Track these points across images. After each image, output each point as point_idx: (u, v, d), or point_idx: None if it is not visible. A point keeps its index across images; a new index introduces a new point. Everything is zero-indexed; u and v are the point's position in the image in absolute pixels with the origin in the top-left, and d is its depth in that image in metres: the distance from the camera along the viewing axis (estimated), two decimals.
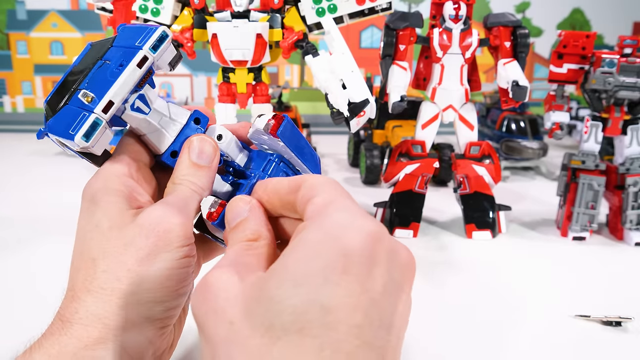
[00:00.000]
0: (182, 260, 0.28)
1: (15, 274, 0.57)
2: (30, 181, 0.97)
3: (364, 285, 0.20)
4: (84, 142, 0.27)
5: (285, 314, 0.19)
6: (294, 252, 0.21)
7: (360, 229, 0.21)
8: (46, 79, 1.54)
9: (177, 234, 0.28)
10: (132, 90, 0.29)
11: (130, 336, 0.27)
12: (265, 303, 0.20)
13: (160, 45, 0.29)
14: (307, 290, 0.19)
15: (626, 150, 0.71)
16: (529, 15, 1.62)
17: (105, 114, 0.28)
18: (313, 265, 0.20)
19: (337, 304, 0.19)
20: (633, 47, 0.69)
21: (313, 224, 0.22)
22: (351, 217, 0.22)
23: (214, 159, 0.31)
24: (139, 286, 0.27)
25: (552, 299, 0.55)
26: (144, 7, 0.68)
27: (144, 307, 0.27)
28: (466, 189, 0.73)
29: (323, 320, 0.19)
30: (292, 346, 0.19)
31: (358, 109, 0.59)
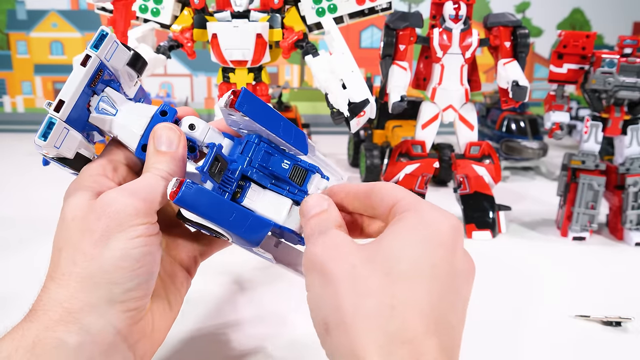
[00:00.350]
0: (135, 240, 0.28)
1: (17, 274, 0.58)
2: (30, 181, 0.97)
3: (452, 258, 0.26)
4: (42, 141, 0.29)
5: (403, 263, 0.25)
6: (400, 225, 0.27)
7: (448, 219, 0.27)
8: (46, 79, 1.54)
9: (128, 213, 0.28)
10: (86, 90, 0.30)
11: (91, 320, 0.27)
12: (385, 254, 0.25)
13: (101, 44, 0.30)
14: (419, 250, 0.25)
15: (626, 150, 0.71)
16: (529, 15, 1.62)
17: (57, 113, 0.29)
18: (419, 235, 0.26)
19: (439, 262, 0.26)
20: (633, 47, 0.69)
21: (411, 214, 0.27)
22: (438, 210, 0.28)
23: (178, 144, 0.31)
24: (94, 268, 0.28)
25: (552, 299, 0.55)
26: (144, 7, 0.68)
27: (102, 289, 0.28)
28: (466, 189, 0.73)
29: (431, 272, 0.25)
30: (407, 287, 0.24)
31: (358, 109, 0.59)
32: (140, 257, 0.28)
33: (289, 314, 0.50)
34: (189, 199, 0.29)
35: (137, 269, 0.28)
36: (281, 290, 0.55)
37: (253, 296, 0.54)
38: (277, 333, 0.47)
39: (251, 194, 0.32)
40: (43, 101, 1.54)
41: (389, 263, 0.25)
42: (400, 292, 0.24)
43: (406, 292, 0.24)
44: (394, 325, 0.23)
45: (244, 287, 0.56)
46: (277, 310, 0.51)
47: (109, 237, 0.28)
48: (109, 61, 0.31)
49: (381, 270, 0.25)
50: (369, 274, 0.25)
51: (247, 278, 0.57)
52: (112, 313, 0.28)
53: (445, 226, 0.27)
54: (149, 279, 0.30)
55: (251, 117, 0.30)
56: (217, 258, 0.40)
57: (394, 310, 0.24)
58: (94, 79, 0.30)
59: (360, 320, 0.24)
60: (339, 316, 0.24)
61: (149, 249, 0.29)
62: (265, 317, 0.50)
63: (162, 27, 0.69)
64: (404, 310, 0.24)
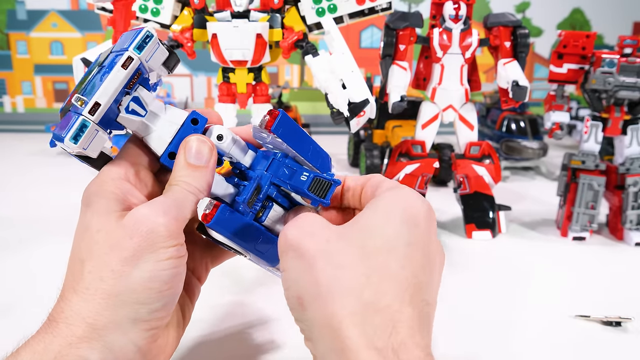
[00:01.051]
0: (166, 262, 0.28)
1: (16, 274, 0.58)
2: (30, 181, 0.97)
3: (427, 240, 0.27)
4: (72, 144, 0.28)
5: (378, 238, 0.26)
6: (377, 204, 0.27)
7: (424, 203, 0.28)
8: (46, 79, 1.54)
9: (161, 234, 0.28)
10: (121, 91, 0.29)
11: (115, 337, 0.27)
12: (360, 228, 0.26)
13: (146, 45, 0.29)
14: (395, 227, 0.26)
15: (626, 150, 0.71)
16: (529, 15, 1.62)
17: (92, 116, 0.28)
18: (396, 213, 0.27)
19: (415, 241, 0.26)
20: (633, 47, 0.69)
21: (389, 193, 0.28)
22: (415, 194, 0.28)
23: (210, 158, 0.31)
24: (122, 287, 0.27)
25: (552, 299, 0.55)
26: (144, 7, 0.68)
27: (128, 308, 0.27)
28: (466, 189, 0.73)
29: (405, 250, 0.26)
30: (381, 260, 0.25)
31: (358, 109, 0.59)
32: (169, 279, 0.28)
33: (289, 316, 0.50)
34: (222, 223, 0.29)
35: (165, 291, 0.28)
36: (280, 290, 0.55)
37: (254, 298, 0.54)
38: (277, 334, 0.47)
39: (272, 214, 0.32)
40: (43, 101, 1.55)
41: (364, 238, 0.26)
42: (375, 263, 0.25)
43: (380, 264, 0.25)
44: (368, 293, 0.24)
45: (245, 288, 0.56)
46: (276, 311, 0.51)
47: (140, 257, 0.27)
48: (148, 62, 0.30)
49: (356, 244, 0.25)
50: (343, 247, 0.25)
51: (248, 278, 0.57)
52: (135, 331, 0.28)
53: (422, 209, 0.27)
54: (174, 299, 0.29)
55: (285, 140, 0.30)
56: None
57: (369, 279, 0.24)
58: (131, 81, 0.30)
59: (336, 291, 0.24)
60: (315, 290, 0.25)
61: (178, 270, 0.29)
62: (265, 319, 0.50)
63: (162, 27, 0.69)
64: (378, 281, 0.24)
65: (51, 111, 1.54)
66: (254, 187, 0.30)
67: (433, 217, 0.28)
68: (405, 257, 0.25)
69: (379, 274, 0.24)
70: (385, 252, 0.25)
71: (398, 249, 0.25)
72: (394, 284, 0.24)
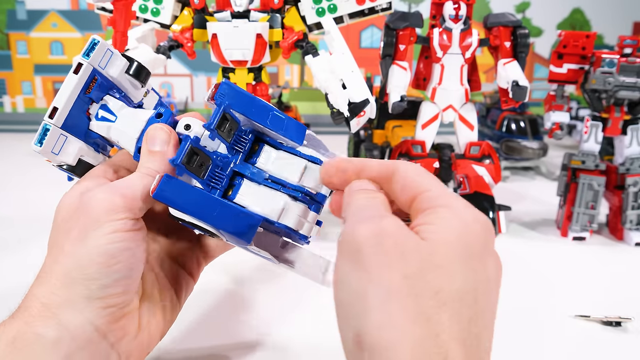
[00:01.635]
0: (111, 235, 0.28)
1: (15, 274, 0.57)
2: (30, 181, 0.97)
3: (485, 269, 0.25)
4: (37, 147, 0.30)
5: (453, 284, 0.23)
6: (442, 229, 0.24)
7: (481, 220, 0.25)
8: (46, 79, 1.54)
9: (104, 208, 0.28)
10: (82, 97, 0.31)
11: (70, 316, 0.28)
12: (437, 271, 0.23)
13: (92, 51, 0.31)
14: (466, 268, 0.23)
15: (626, 150, 0.71)
16: (529, 15, 1.62)
17: (51, 119, 0.30)
18: (460, 245, 0.24)
19: (479, 285, 0.24)
20: (633, 47, 0.69)
21: (446, 212, 0.25)
22: (471, 209, 0.26)
23: (167, 143, 0.31)
24: (72, 265, 0.28)
25: (552, 299, 0.55)
26: (144, 7, 0.68)
27: (79, 285, 0.28)
28: (466, 189, 0.73)
29: (474, 295, 0.23)
30: (453, 312, 0.23)
31: (358, 109, 0.59)
32: (116, 252, 0.28)
33: (288, 316, 0.50)
34: (167, 193, 0.28)
35: (114, 265, 0.28)
36: (281, 291, 0.55)
37: (252, 297, 0.54)
38: (275, 334, 0.47)
39: (244, 190, 0.31)
40: (43, 101, 1.55)
41: (439, 281, 0.23)
42: (445, 318, 0.22)
43: (450, 318, 0.22)
44: (439, 356, 0.22)
45: (244, 287, 0.56)
46: (276, 311, 0.51)
47: (87, 234, 0.28)
48: (105, 69, 0.32)
49: (432, 288, 0.23)
50: (419, 292, 0.22)
51: (247, 278, 0.57)
52: (90, 309, 0.28)
53: (485, 232, 0.25)
54: (127, 275, 0.29)
55: (235, 109, 0.30)
56: (217, 258, 0.40)
57: (438, 339, 0.22)
58: (88, 86, 0.31)
59: (405, 348, 0.22)
60: (379, 336, 0.22)
61: (127, 244, 0.29)
62: (264, 318, 0.50)
63: (162, 27, 0.69)
64: (448, 339, 0.22)
65: None
66: (187, 147, 0.29)
67: (491, 232, 0.26)
68: (473, 303, 0.23)
69: (448, 331, 0.22)
70: (456, 300, 0.23)
71: (468, 295, 0.23)
72: (461, 344, 0.22)
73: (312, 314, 0.50)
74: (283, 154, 0.32)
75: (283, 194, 0.31)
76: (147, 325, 0.32)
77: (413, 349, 0.21)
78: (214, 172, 0.30)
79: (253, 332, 0.47)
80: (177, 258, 0.36)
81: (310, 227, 0.32)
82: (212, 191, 0.30)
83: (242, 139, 0.31)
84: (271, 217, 0.31)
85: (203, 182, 0.30)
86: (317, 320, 0.49)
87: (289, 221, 0.31)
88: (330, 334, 0.25)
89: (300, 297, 0.53)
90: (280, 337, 0.46)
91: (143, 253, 0.30)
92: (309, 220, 0.32)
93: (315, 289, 0.56)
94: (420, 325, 0.22)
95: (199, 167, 0.30)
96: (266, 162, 0.32)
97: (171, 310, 0.34)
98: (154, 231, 0.35)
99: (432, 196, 0.26)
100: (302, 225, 0.31)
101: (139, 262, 0.30)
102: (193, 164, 0.29)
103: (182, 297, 0.36)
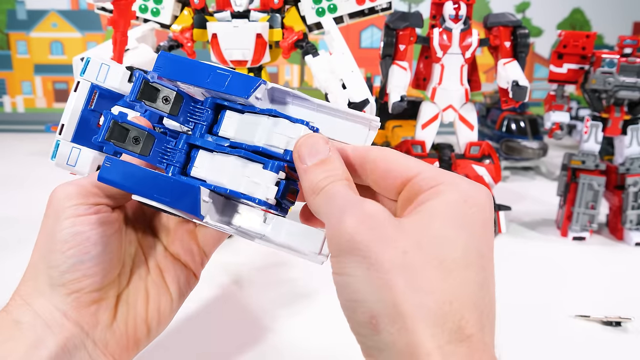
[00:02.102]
0: (63, 222, 0.29)
1: (16, 274, 0.57)
2: (30, 181, 0.97)
3: (491, 237, 0.25)
4: (52, 161, 0.33)
5: (455, 251, 0.23)
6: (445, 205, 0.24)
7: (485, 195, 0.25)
8: (46, 79, 1.54)
9: (59, 198, 0.30)
10: (87, 110, 0.33)
11: (40, 304, 0.29)
12: (438, 240, 0.23)
13: (86, 69, 0.33)
14: (468, 236, 0.24)
15: (626, 150, 0.71)
16: (529, 15, 1.62)
17: (60, 135, 0.33)
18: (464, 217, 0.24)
19: (486, 250, 0.24)
20: (633, 47, 0.69)
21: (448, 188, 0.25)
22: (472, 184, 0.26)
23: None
24: (37, 256, 0.30)
25: (552, 299, 0.55)
26: (144, 7, 0.68)
27: (43, 274, 0.30)
28: None
29: (480, 262, 0.24)
30: (461, 279, 0.23)
31: (358, 109, 0.59)
32: (68, 237, 0.29)
33: (287, 316, 0.50)
34: (108, 175, 0.28)
35: (67, 250, 0.29)
36: (280, 291, 0.55)
37: (251, 297, 0.54)
38: (276, 334, 0.47)
39: (199, 162, 0.29)
40: (43, 101, 1.54)
41: (441, 250, 0.23)
42: (456, 285, 0.23)
43: (460, 284, 0.23)
44: (453, 322, 0.22)
45: (243, 287, 0.56)
46: (275, 311, 0.51)
47: (48, 225, 0.30)
48: (105, 82, 0.33)
49: (435, 259, 0.23)
50: (423, 264, 0.23)
51: (246, 279, 0.57)
52: (56, 296, 0.29)
53: (485, 202, 0.25)
54: (84, 259, 0.29)
55: (165, 76, 0.28)
56: (216, 258, 0.40)
57: (452, 305, 0.22)
58: (90, 101, 0.33)
59: (422, 319, 0.22)
60: (394, 313, 0.22)
61: (78, 229, 0.29)
62: (264, 318, 0.50)
63: (162, 27, 0.69)
64: (460, 306, 0.22)
65: (51, 111, 1.54)
66: (108, 122, 0.28)
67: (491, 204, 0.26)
68: (479, 269, 0.24)
69: (461, 298, 0.23)
70: (462, 266, 0.23)
71: (473, 261, 0.23)
72: (474, 307, 0.23)
73: (312, 315, 0.50)
74: (247, 116, 0.29)
75: (234, 157, 0.29)
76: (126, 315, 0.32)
77: (428, 319, 0.22)
78: (164, 147, 0.29)
79: (253, 332, 0.47)
80: (173, 251, 0.35)
81: (266, 189, 0.28)
82: (167, 168, 0.29)
83: (196, 110, 0.29)
84: (220, 184, 0.28)
85: (153, 159, 0.29)
86: (317, 321, 0.49)
87: (237, 185, 0.28)
88: (330, 334, 0.25)
89: (301, 297, 0.53)
90: (281, 337, 0.46)
91: (103, 237, 0.30)
92: (264, 181, 0.28)
93: (315, 290, 0.56)
94: (433, 294, 0.22)
95: (134, 143, 0.28)
96: (228, 128, 0.29)
97: (165, 304, 0.34)
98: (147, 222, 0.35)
99: (428, 176, 0.25)
100: (256, 188, 0.28)
101: (95, 246, 0.30)
102: (124, 140, 0.28)
103: (180, 293, 0.35)
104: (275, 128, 0.28)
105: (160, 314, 0.34)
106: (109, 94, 0.34)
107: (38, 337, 0.28)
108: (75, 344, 0.29)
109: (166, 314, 0.34)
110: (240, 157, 0.28)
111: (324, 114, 0.30)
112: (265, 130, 0.28)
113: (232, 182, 0.28)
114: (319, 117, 0.30)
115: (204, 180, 0.29)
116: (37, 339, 0.28)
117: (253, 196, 0.28)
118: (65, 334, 0.29)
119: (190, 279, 0.36)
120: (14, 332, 0.28)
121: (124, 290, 0.32)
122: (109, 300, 0.31)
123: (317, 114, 0.30)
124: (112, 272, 0.31)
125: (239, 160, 0.28)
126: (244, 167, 0.28)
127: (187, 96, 0.29)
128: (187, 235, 0.35)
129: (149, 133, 0.29)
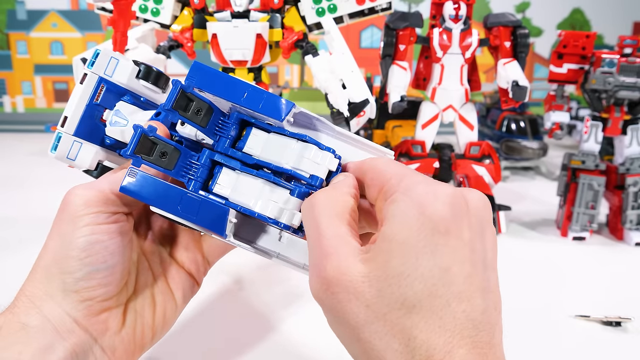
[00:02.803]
0: (82, 229, 0.29)
1: (16, 274, 0.57)
2: (30, 181, 0.97)
3: (461, 240, 0.23)
4: (52, 153, 0.31)
5: (416, 284, 0.22)
6: (399, 226, 0.23)
7: (443, 196, 0.24)
8: (46, 79, 1.54)
9: (76, 203, 0.29)
10: (92, 105, 0.32)
11: (50, 308, 0.29)
12: (396, 281, 0.22)
13: (94, 61, 0.32)
14: (427, 258, 0.22)
15: (626, 150, 0.71)
16: (529, 15, 1.62)
17: (62, 127, 0.31)
18: (421, 235, 0.23)
19: (450, 261, 0.23)
20: (633, 47, 0.69)
21: (403, 198, 0.24)
22: (429, 187, 0.24)
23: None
24: (50, 259, 0.29)
25: (552, 299, 0.55)
26: (144, 7, 0.68)
27: (56, 278, 0.29)
28: None
29: (444, 280, 0.22)
30: (426, 310, 0.22)
31: (358, 109, 0.59)
32: (86, 245, 0.29)
33: (287, 316, 0.50)
34: (132, 187, 0.28)
35: (84, 258, 0.29)
36: (281, 291, 0.55)
37: (251, 297, 0.54)
38: (275, 333, 0.47)
39: (223, 179, 0.29)
40: (43, 101, 1.55)
41: (404, 287, 0.22)
42: (418, 323, 0.22)
43: (422, 321, 0.22)
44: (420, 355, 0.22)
45: (244, 287, 0.56)
46: (276, 311, 0.51)
47: (62, 230, 0.29)
48: (112, 76, 0.32)
49: (396, 300, 0.22)
50: (386, 311, 0.22)
51: (247, 279, 0.57)
52: (67, 302, 0.29)
53: (445, 205, 0.23)
54: (101, 268, 0.29)
55: (202, 88, 0.28)
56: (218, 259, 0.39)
57: (415, 340, 0.22)
58: (96, 94, 0.32)
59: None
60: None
61: (98, 237, 0.29)
62: (264, 318, 0.50)
63: (162, 27, 0.69)
64: (425, 340, 0.22)
65: (51, 111, 1.54)
66: (137, 136, 0.27)
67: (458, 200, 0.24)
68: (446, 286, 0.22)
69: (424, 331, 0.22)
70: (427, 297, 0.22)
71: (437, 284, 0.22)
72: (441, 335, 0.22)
73: (312, 314, 0.50)
74: (274, 137, 0.29)
75: (261, 180, 0.29)
76: (134, 322, 0.32)
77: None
78: (188, 162, 0.29)
79: (253, 332, 0.47)
80: (177, 258, 0.35)
81: (291, 214, 0.28)
82: (189, 182, 0.29)
83: (223, 124, 0.29)
84: (247, 206, 0.29)
85: (176, 174, 0.29)
86: (317, 321, 0.49)
87: (264, 209, 0.28)
88: (330, 334, 0.25)
89: (301, 297, 0.53)
90: (281, 336, 0.46)
91: (120, 247, 0.30)
92: (289, 207, 0.28)
93: None
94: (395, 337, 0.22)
95: (160, 157, 0.28)
96: (254, 146, 0.29)
97: (170, 310, 0.34)
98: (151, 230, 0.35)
99: (392, 184, 0.25)
100: (282, 213, 0.28)
101: (112, 255, 0.30)
102: (152, 154, 0.28)
103: (180, 296, 0.35)
104: (304, 152, 0.29)
105: (166, 319, 0.34)
106: (115, 88, 0.33)
107: (47, 342, 0.28)
108: (84, 350, 0.29)
109: (171, 318, 0.34)
110: (267, 181, 0.29)
111: (342, 141, 0.31)
112: (294, 153, 0.29)
113: (260, 206, 0.29)
114: (336, 143, 0.31)
115: (226, 198, 0.29)
116: (46, 344, 0.28)
117: (279, 220, 0.28)
118: (75, 340, 0.29)
119: (193, 285, 0.36)
120: (21, 335, 0.28)
121: (131, 297, 0.32)
122: (119, 308, 0.31)
123: (334, 140, 0.31)
124: (124, 280, 0.31)
125: (266, 184, 0.29)
126: (272, 192, 0.29)
127: (217, 109, 0.29)
128: (192, 244, 0.36)
129: (175, 147, 0.29)
